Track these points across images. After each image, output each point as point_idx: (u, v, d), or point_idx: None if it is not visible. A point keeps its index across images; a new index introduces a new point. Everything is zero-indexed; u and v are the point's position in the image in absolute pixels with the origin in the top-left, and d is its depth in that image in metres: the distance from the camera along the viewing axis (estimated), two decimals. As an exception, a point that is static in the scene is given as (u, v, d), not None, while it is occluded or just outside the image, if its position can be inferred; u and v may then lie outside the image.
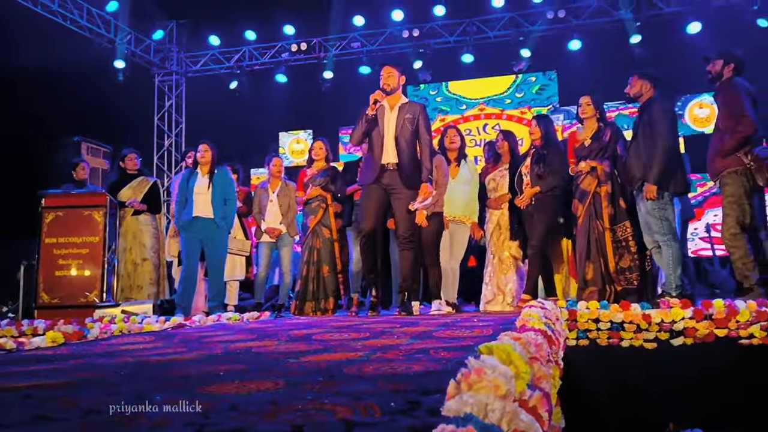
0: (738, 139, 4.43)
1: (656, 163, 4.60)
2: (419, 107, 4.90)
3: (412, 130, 4.77)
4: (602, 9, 9.60)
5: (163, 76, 11.48)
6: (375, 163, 4.77)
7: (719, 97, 4.67)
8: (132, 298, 6.05)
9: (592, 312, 4.02)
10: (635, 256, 4.89)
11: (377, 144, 4.79)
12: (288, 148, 11.44)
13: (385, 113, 4.83)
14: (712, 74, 4.72)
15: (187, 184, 5.80)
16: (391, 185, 4.74)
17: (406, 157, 4.73)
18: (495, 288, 5.51)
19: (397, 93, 4.87)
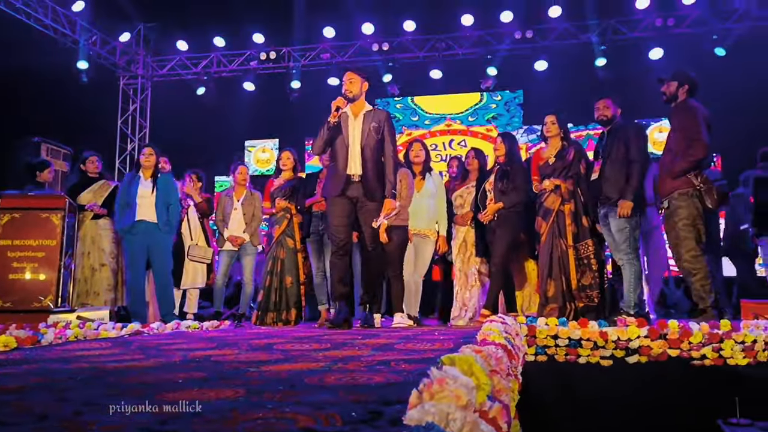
0: (690, 161, 4.51)
1: (633, 182, 4.76)
2: (384, 115, 4.72)
3: (377, 139, 4.60)
4: (569, 31, 9.82)
5: (128, 80, 11.32)
6: (339, 175, 4.58)
7: (674, 118, 4.73)
8: (88, 304, 5.91)
9: (551, 328, 4.07)
10: (596, 274, 4.98)
11: (341, 154, 4.59)
12: (253, 156, 11.37)
13: (349, 121, 4.64)
14: (666, 95, 4.78)
15: (129, 188, 5.71)
16: (357, 197, 4.59)
17: (370, 168, 4.57)
18: (460, 303, 5.54)
19: (360, 100, 4.68)
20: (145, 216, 5.67)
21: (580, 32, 9.76)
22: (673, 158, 4.60)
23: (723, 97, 7.37)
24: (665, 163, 4.70)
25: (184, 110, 11.04)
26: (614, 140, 4.96)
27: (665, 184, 4.64)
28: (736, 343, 3.75)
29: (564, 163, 5.16)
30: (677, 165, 4.54)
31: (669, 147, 4.72)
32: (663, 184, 4.68)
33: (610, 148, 4.95)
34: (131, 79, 11.32)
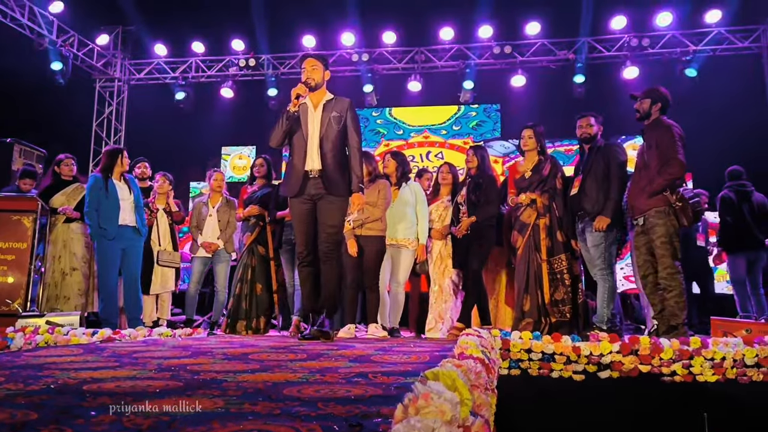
0: (667, 179, 4.56)
1: (612, 198, 4.85)
2: (347, 103, 4.32)
3: (338, 130, 4.23)
4: (546, 48, 9.96)
5: (105, 82, 11.20)
6: (297, 171, 4.22)
7: (649, 135, 4.76)
8: (58, 308, 5.80)
9: (524, 342, 4.10)
10: (568, 289, 5.02)
11: (299, 148, 4.23)
12: (230, 163, 11.30)
13: (308, 113, 4.27)
14: (640, 112, 4.83)
15: (106, 191, 5.63)
16: (317, 195, 4.20)
17: (331, 161, 4.18)
18: (436, 316, 5.54)
19: (321, 89, 4.32)
20: (126, 220, 5.66)
21: (557, 49, 9.91)
22: (648, 175, 4.65)
23: (695, 115, 7.55)
24: (638, 180, 4.74)
25: (160, 115, 10.95)
26: (596, 157, 5.03)
27: (640, 201, 4.68)
28: (705, 360, 3.81)
29: (540, 177, 5.21)
30: (655, 183, 4.58)
31: (642, 164, 4.75)
32: (637, 201, 4.70)
33: (591, 165, 5.02)
34: (108, 82, 11.21)
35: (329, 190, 4.16)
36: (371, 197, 5.33)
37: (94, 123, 11.05)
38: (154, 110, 11.01)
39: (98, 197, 5.61)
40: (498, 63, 10.17)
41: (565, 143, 10.10)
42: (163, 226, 6.53)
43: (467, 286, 5.33)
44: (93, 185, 5.66)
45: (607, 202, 4.85)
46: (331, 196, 4.17)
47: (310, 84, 4.19)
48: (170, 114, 10.97)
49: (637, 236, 4.78)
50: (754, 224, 6.29)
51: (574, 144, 10.03)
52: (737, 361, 3.79)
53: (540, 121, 5.59)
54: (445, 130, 10.85)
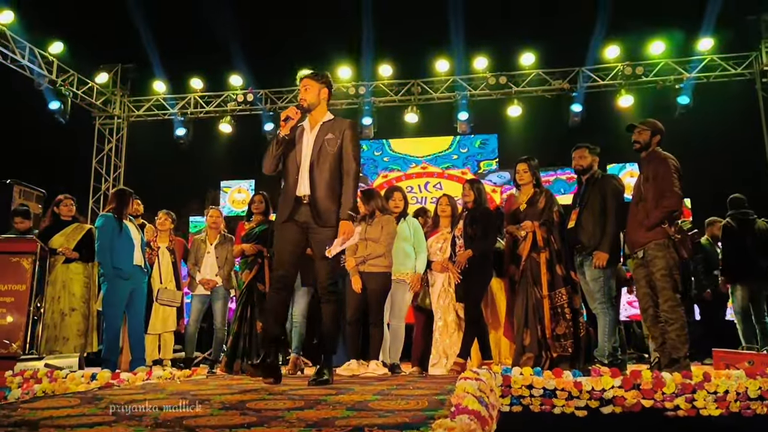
0: (664, 212, 4.56)
1: (608, 233, 4.85)
2: (346, 124, 3.93)
3: (333, 153, 3.84)
4: (541, 78, 10.06)
5: (104, 119, 11.31)
6: (288, 196, 3.87)
7: (648, 167, 4.75)
8: (57, 350, 5.78)
9: (525, 378, 4.07)
10: (569, 323, 4.97)
11: (291, 173, 3.87)
12: (229, 197, 11.35)
13: (305, 134, 3.93)
14: (640, 143, 4.81)
15: (119, 231, 5.65)
16: (308, 223, 3.84)
17: (322, 186, 3.81)
18: (440, 351, 5.48)
19: (318, 109, 3.94)
20: (137, 260, 5.71)
21: (552, 79, 10.01)
22: (645, 207, 4.66)
23: (690, 141, 7.60)
24: (636, 213, 4.74)
25: (160, 150, 11.05)
26: (592, 190, 5.04)
27: (639, 235, 4.67)
28: (708, 394, 3.78)
29: (534, 210, 5.21)
30: (653, 216, 4.58)
31: (640, 196, 4.75)
32: (636, 234, 4.70)
33: (588, 198, 5.02)
34: (107, 119, 11.32)
35: (318, 221, 3.81)
36: (374, 233, 5.34)
37: (93, 160, 11.13)
38: (154, 146, 11.11)
39: (111, 238, 5.61)
40: (494, 93, 10.26)
41: (567, 171, 10.14)
42: (165, 265, 6.52)
43: (466, 320, 5.30)
44: (104, 225, 5.66)
45: (604, 237, 4.85)
46: (321, 229, 3.81)
47: (303, 105, 3.87)
48: (169, 149, 11.07)
49: (637, 269, 4.77)
50: (756, 253, 6.25)
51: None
52: (740, 394, 3.76)
53: (537, 150, 5.63)
54: (442, 161, 10.89)
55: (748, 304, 6.33)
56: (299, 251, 3.90)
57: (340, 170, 3.86)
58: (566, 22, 9.34)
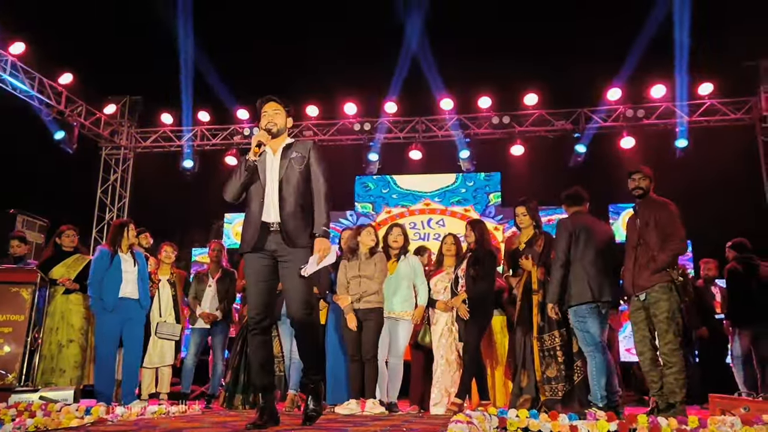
0: (670, 255, 4.60)
1: (551, 282, 4.93)
2: (309, 144, 3.85)
3: (300, 171, 3.73)
4: (543, 118, 10.18)
5: (111, 150, 11.43)
6: (254, 222, 3.68)
7: (647, 212, 4.78)
8: (53, 382, 5.74)
9: (521, 420, 4.04)
10: (561, 366, 4.93)
11: (256, 199, 3.70)
12: (232, 230, 11.39)
13: (267, 160, 3.77)
14: (642, 189, 4.86)
15: (110, 263, 5.65)
16: (278, 250, 3.65)
17: (292, 209, 3.66)
18: (442, 390, 5.44)
19: (282, 135, 3.85)
20: (127, 293, 5.65)
21: (554, 119, 10.12)
22: (646, 251, 4.67)
23: (691, 184, 7.65)
24: (636, 257, 4.74)
25: (165, 181, 11.13)
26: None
27: (642, 278, 4.67)
28: (704, 440, 3.75)
29: (533, 251, 5.24)
30: (658, 260, 4.60)
31: (637, 241, 4.77)
32: (639, 278, 4.69)
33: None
34: (114, 150, 11.44)
35: (289, 242, 3.61)
36: (368, 270, 5.37)
37: (98, 190, 11.22)
38: (159, 177, 11.20)
39: (102, 270, 5.63)
40: (497, 132, 10.36)
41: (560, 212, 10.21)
42: (165, 297, 6.47)
43: (464, 361, 5.28)
44: (98, 258, 5.70)
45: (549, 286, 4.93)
46: (292, 249, 3.62)
47: (272, 130, 3.73)
48: (175, 181, 11.15)
49: (636, 312, 4.75)
50: (760, 297, 6.26)
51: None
52: (736, 441, 3.72)
53: (540, 189, 5.66)
54: (451, 196, 10.95)
55: (749, 349, 6.31)
56: (272, 286, 3.73)
57: (308, 190, 3.74)
58: (569, 64, 9.48)
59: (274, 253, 3.65)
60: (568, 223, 5.04)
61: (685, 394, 4.54)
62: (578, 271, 4.86)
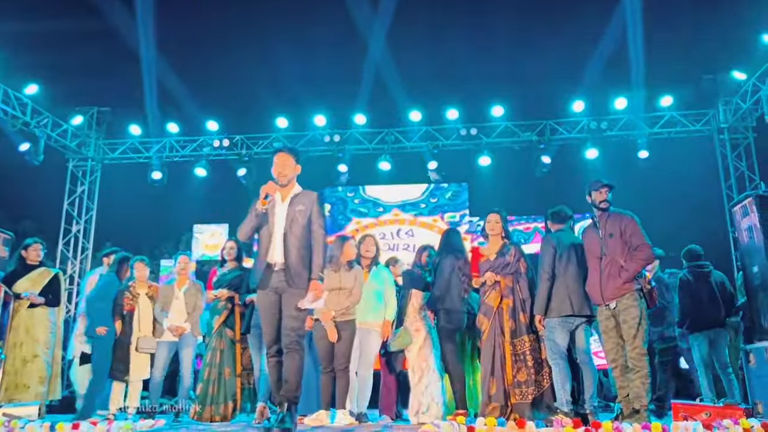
0: (641, 264, 4.74)
1: (537, 295, 5.06)
2: (313, 197, 4.34)
3: (303, 224, 4.24)
4: (510, 130, 10.35)
5: (78, 161, 11.26)
6: (261, 263, 4.24)
7: (611, 223, 4.89)
8: (16, 398, 5.64)
9: (489, 429, 4.11)
10: (531, 371, 5.05)
11: (264, 241, 4.25)
12: (202, 242, 11.32)
13: (276, 206, 4.30)
14: (609, 202, 4.95)
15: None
16: (280, 287, 4.21)
17: (294, 256, 4.19)
18: (429, 399, 5.48)
19: (291, 183, 4.37)
20: None
21: (520, 131, 10.30)
22: (615, 263, 4.77)
23: (653, 194, 7.85)
24: (602, 267, 4.82)
25: (133, 193, 11.05)
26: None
27: (611, 288, 4.76)
28: (666, 445, 3.85)
29: (504, 261, 5.33)
30: (630, 269, 4.72)
31: (602, 251, 4.87)
32: (606, 288, 4.78)
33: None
34: (81, 161, 11.27)
35: (291, 284, 4.15)
36: (349, 283, 5.38)
37: (65, 202, 11.04)
38: (127, 189, 11.11)
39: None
40: (465, 144, 10.50)
41: (531, 221, 10.38)
42: (144, 312, 6.34)
43: (447, 372, 5.40)
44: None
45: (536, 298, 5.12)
46: (293, 289, 4.15)
47: (282, 182, 4.26)
48: (143, 192, 11.07)
49: (606, 320, 4.84)
50: (711, 304, 6.39)
51: (539, 221, 10.28)
52: (697, 446, 3.83)
53: (506, 199, 5.77)
54: (411, 209, 11.07)
55: (709, 354, 6.44)
56: (277, 316, 4.23)
57: (308, 238, 4.24)
58: (534, 77, 9.68)
59: (276, 289, 4.21)
60: (552, 240, 5.20)
61: (649, 400, 4.65)
62: (560, 286, 5.02)
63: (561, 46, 9.15)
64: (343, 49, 10.43)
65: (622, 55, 9.09)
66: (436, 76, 9.93)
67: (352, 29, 10.27)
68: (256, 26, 10.80)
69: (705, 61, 9.10)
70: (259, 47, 11.12)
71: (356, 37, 10.25)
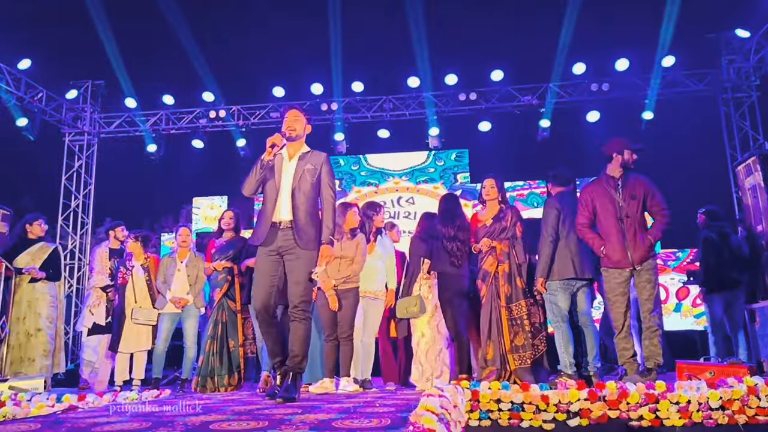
0: (664, 230, 4.75)
1: (539, 258, 5.03)
2: (323, 157, 4.24)
3: (312, 183, 4.14)
4: (510, 94, 10.21)
5: (74, 136, 11.16)
6: (266, 220, 4.10)
7: (634, 186, 4.80)
8: (22, 372, 5.68)
9: (493, 393, 4.11)
10: (528, 335, 5.07)
11: (270, 198, 4.13)
12: (201, 213, 11.28)
13: (283, 163, 4.19)
14: (630, 163, 4.88)
15: None
16: (284, 247, 4.06)
17: (302, 213, 4.07)
18: (441, 364, 5.52)
19: (299, 141, 4.25)
20: None
21: (521, 95, 10.16)
22: (635, 225, 4.72)
23: (656, 155, 7.75)
24: (628, 228, 4.73)
25: (131, 167, 10.96)
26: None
27: (640, 250, 4.71)
28: (671, 404, 3.86)
29: (501, 226, 5.31)
30: (657, 232, 4.74)
31: (627, 213, 4.75)
32: (636, 250, 4.71)
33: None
34: (77, 136, 11.17)
35: (299, 243, 4.01)
36: (350, 252, 5.35)
37: (63, 177, 10.96)
38: (125, 163, 11.01)
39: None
40: (464, 109, 10.37)
41: (541, 185, 10.31)
42: (138, 283, 6.36)
43: (452, 338, 5.42)
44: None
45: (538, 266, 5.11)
46: (299, 249, 4.02)
47: (291, 135, 4.14)
48: (141, 166, 10.97)
49: (623, 283, 4.79)
50: (733, 265, 6.39)
51: (542, 186, 10.23)
52: (702, 404, 3.84)
53: (508, 164, 5.74)
54: (412, 176, 10.98)
55: (722, 317, 6.45)
56: (275, 280, 4.08)
57: (316, 198, 4.17)
58: (534, 40, 9.51)
59: (280, 249, 4.06)
60: (555, 202, 5.15)
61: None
62: (562, 249, 5.00)
63: (559, 4, 8.94)
64: (338, 16, 10.23)
65: (623, 14, 8.93)
66: (435, 40, 9.73)
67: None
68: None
69: (708, 20, 8.92)
70: (254, 15, 10.91)
71: (351, 2, 10.04)
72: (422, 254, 5.72)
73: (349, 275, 5.33)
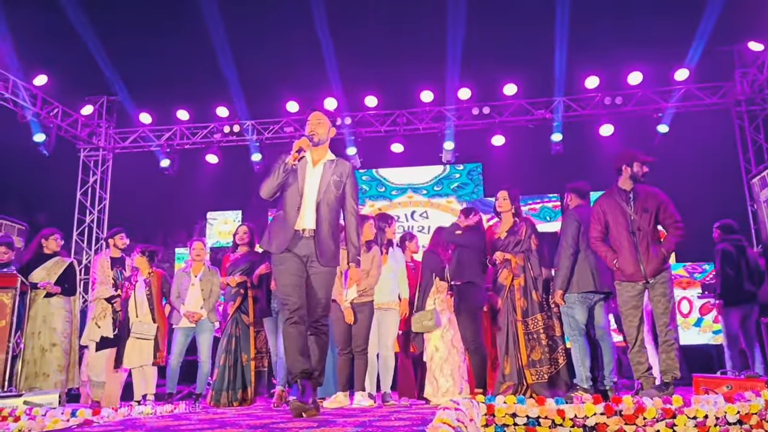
0: (677, 242, 4.72)
1: (559, 270, 4.99)
2: (348, 168, 4.11)
3: (337, 196, 4.04)
4: (523, 108, 10.22)
5: (89, 151, 11.28)
6: (287, 228, 3.96)
7: (646, 199, 4.79)
8: (37, 387, 5.69)
9: (509, 407, 4.07)
10: (545, 349, 5.02)
11: (292, 204, 3.98)
12: (215, 228, 11.33)
13: (307, 168, 4.04)
14: (639, 176, 4.87)
15: None
16: (308, 256, 3.96)
17: (326, 225, 3.98)
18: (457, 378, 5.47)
19: (323, 146, 4.09)
20: None
21: (534, 108, 10.16)
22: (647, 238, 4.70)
23: (669, 169, 7.72)
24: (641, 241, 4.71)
25: (145, 182, 11.03)
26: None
27: (654, 263, 4.68)
28: (688, 419, 3.81)
29: (515, 239, 5.29)
30: (671, 245, 4.72)
31: (635, 226, 4.75)
32: (650, 263, 4.69)
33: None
34: (92, 151, 11.29)
35: (320, 258, 3.93)
36: (366, 265, 5.33)
37: (78, 192, 11.07)
38: (139, 178, 11.09)
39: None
40: (477, 123, 10.38)
41: (552, 199, 10.28)
42: (139, 297, 6.30)
43: (469, 351, 5.39)
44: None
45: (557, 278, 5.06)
46: (320, 266, 3.94)
47: (314, 139, 3.98)
48: (155, 181, 11.05)
49: (638, 296, 4.77)
50: (750, 279, 6.36)
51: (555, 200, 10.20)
52: (719, 419, 3.79)
53: (521, 178, 5.74)
54: (425, 191, 10.99)
55: (737, 330, 6.39)
56: (303, 281, 3.95)
57: (338, 210, 4.07)
58: (548, 53, 9.52)
59: (303, 257, 3.95)
60: (575, 214, 5.14)
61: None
62: (582, 262, 4.99)
63: (575, 19, 8.96)
64: (350, 31, 10.31)
65: (635, 28, 8.93)
66: (444, 54, 9.77)
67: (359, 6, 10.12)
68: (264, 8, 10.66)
69: (721, 33, 8.90)
70: (268, 30, 11.01)
71: (364, 17, 10.12)
72: (434, 268, 5.70)
73: (364, 288, 5.31)
